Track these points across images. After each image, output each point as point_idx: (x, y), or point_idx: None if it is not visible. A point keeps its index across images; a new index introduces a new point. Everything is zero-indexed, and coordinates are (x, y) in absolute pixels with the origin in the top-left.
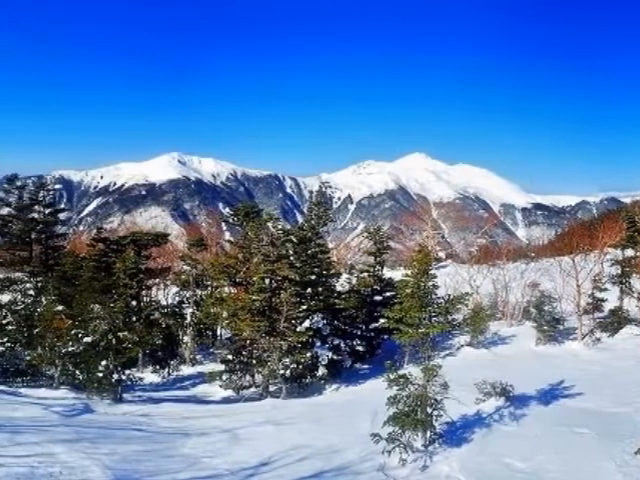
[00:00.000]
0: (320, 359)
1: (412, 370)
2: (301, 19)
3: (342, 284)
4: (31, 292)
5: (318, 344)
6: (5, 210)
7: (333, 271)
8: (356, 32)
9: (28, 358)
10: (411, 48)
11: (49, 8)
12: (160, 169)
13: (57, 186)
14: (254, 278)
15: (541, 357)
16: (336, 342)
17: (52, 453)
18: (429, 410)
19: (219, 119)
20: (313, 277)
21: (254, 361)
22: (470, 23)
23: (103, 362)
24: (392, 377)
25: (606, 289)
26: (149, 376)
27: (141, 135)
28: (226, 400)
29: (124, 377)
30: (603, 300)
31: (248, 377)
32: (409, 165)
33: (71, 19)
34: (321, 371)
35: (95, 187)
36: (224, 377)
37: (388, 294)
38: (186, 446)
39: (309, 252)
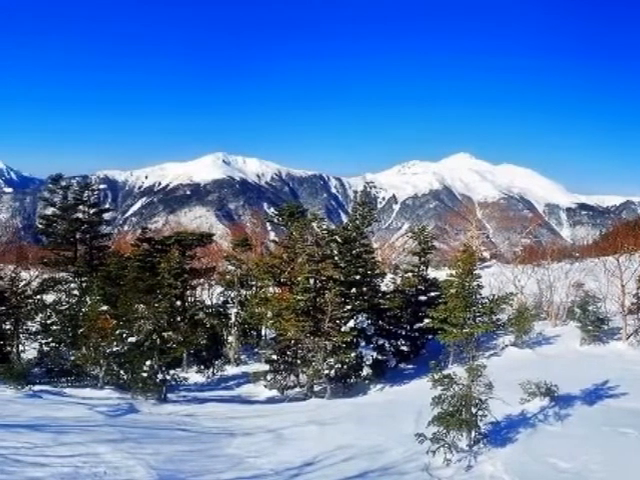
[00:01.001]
0: (364, 359)
1: (457, 370)
2: (346, 20)
3: (387, 284)
4: (76, 292)
5: (362, 344)
6: (50, 210)
7: (378, 271)
8: (401, 33)
9: (73, 358)
10: (456, 48)
11: (91, 6)
12: (205, 169)
13: (102, 186)
14: (299, 278)
15: (585, 357)
16: (380, 342)
17: (96, 453)
18: (474, 410)
19: (264, 119)
20: (358, 277)
21: (298, 361)
22: (514, 23)
23: (147, 362)
24: (437, 377)
25: None
26: (194, 376)
27: (186, 135)
28: (271, 400)
29: (168, 377)
30: None
31: (292, 377)
32: (454, 165)
33: (117, 18)
34: (365, 371)
35: (140, 187)
36: (269, 377)
37: (432, 294)
38: (231, 446)
39: (354, 252)
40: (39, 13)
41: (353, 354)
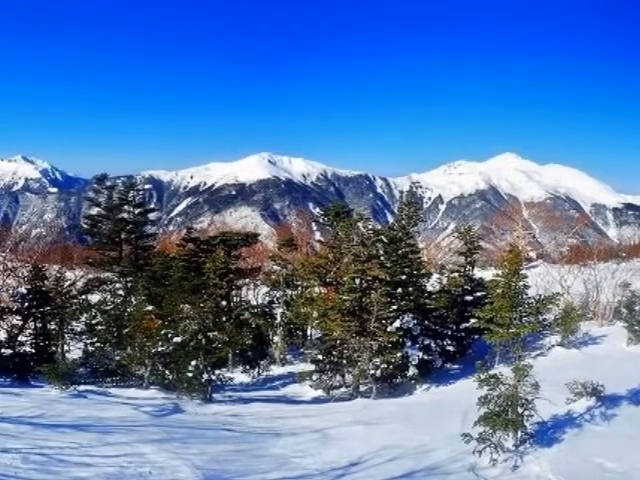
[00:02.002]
0: (410, 359)
1: (503, 370)
2: (392, 19)
3: (432, 284)
4: (121, 292)
5: (408, 344)
6: (95, 210)
7: (424, 271)
8: (448, 32)
9: (118, 358)
10: (501, 49)
11: (139, 6)
12: (250, 169)
13: (147, 186)
14: (344, 278)
15: (632, 357)
16: (426, 342)
17: (142, 453)
18: (520, 410)
19: (310, 119)
20: (403, 277)
21: (344, 361)
22: (560, 22)
23: (193, 362)
24: (483, 377)
25: None
26: (239, 376)
27: (231, 135)
28: (316, 400)
29: (214, 377)
30: None
31: (338, 377)
32: (500, 165)
33: (163, 17)
34: (411, 371)
35: (185, 187)
36: (314, 377)
37: (479, 294)
38: (276, 446)
39: (400, 252)
40: (85, 11)
41: (399, 354)
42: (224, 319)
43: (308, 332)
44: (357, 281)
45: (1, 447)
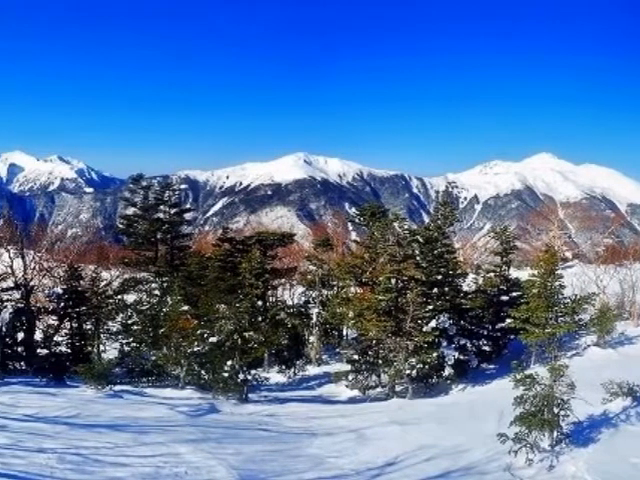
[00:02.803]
0: (446, 359)
1: (539, 370)
2: (427, 19)
3: (468, 284)
4: (157, 292)
5: (444, 344)
6: (131, 210)
7: (459, 271)
8: (482, 32)
9: (154, 358)
10: (537, 49)
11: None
12: (286, 169)
13: (183, 186)
14: (380, 278)
15: None
16: (462, 342)
17: (177, 453)
18: (556, 410)
19: (346, 119)
20: (439, 277)
21: (380, 361)
22: (597, 24)
23: (229, 362)
24: (518, 377)
25: None
26: (275, 376)
27: (267, 135)
28: (352, 400)
29: (250, 377)
30: None
31: (374, 377)
32: (535, 165)
33: (199, 16)
34: (447, 371)
35: (221, 187)
36: (350, 377)
37: (514, 294)
38: (312, 446)
39: (435, 252)
40: (124, 11)
41: (435, 354)
42: (260, 319)
43: (344, 332)
44: (393, 281)
45: (37, 447)
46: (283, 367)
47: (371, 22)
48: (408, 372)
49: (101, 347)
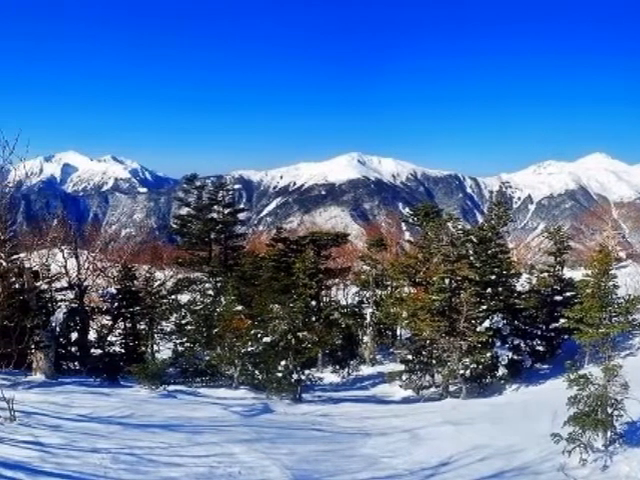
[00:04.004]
0: (500, 359)
1: (592, 370)
2: (483, 18)
3: (522, 284)
4: (210, 292)
5: (498, 344)
6: (184, 210)
7: (513, 271)
8: (535, 32)
9: (207, 358)
10: (592, 49)
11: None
12: (339, 169)
13: (236, 186)
14: (434, 278)
15: None
16: (516, 342)
17: (231, 453)
18: (609, 410)
19: (400, 119)
20: (493, 277)
21: (434, 361)
22: None
23: (282, 362)
24: (572, 377)
25: None
26: (329, 376)
27: (321, 135)
28: (406, 400)
29: (303, 377)
30: None
31: (428, 377)
32: (589, 165)
33: (254, 17)
34: (501, 371)
35: (275, 187)
36: (404, 377)
37: (568, 294)
38: (366, 446)
39: (489, 252)
40: (176, 10)
41: (488, 354)
42: (314, 319)
43: (398, 332)
44: (447, 281)
45: (91, 447)
46: (337, 367)
47: (427, 22)
48: (462, 372)
49: (155, 347)
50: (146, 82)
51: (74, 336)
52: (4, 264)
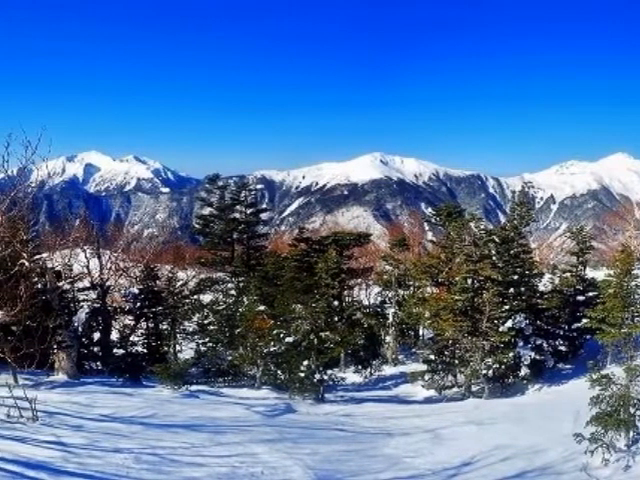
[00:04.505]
0: (522, 359)
1: (615, 370)
2: (507, 19)
3: (544, 284)
4: (233, 292)
5: (520, 344)
6: (207, 210)
7: (535, 271)
8: (556, 33)
9: (230, 358)
10: (613, 48)
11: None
12: (362, 169)
13: (259, 186)
14: (456, 278)
15: None
16: (538, 342)
17: (254, 453)
18: (632, 410)
19: (422, 119)
20: (515, 277)
21: (456, 361)
22: None
23: (305, 362)
24: (595, 377)
25: None
26: (351, 376)
27: (343, 135)
28: (428, 400)
29: (326, 377)
30: None
31: (450, 377)
32: (612, 165)
33: (276, 16)
34: (523, 371)
35: (297, 187)
36: (426, 377)
37: (591, 294)
38: (388, 446)
39: (512, 252)
40: (199, 12)
41: (511, 354)
42: (336, 319)
43: (420, 332)
44: (469, 281)
45: (113, 447)
46: (359, 367)
47: (450, 22)
48: (484, 372)
49: (177, 347)
50: (169, 83)
51: (96, 336)
52: (27, 264)
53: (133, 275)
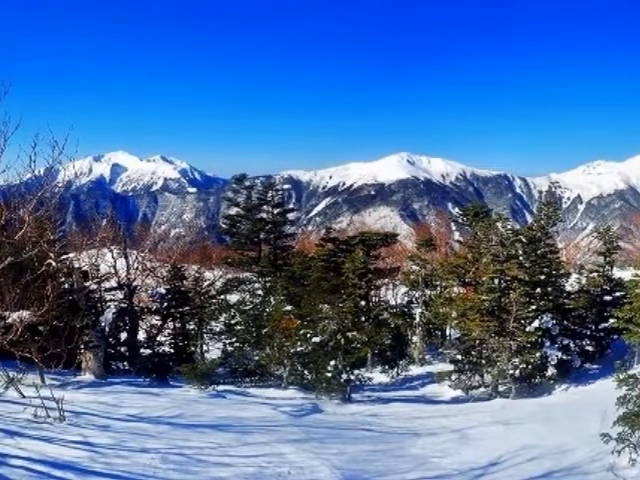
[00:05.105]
0: (549, 359)
1: None
2: (536, 19)
3: (571, 284)
4: (260, 292)
5: (547, 344)
6: (234, 210)
7: (562, 271)
8: (583, 34)
9: (256, 358)
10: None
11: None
12: (389, 169)
13: (286, 186)
14: (483, 278)
15: None
16: (565, 342)
17: (280, 453)
18: None
19: (449, 119)
20: (542, 277)
21: (483, 361)
22: None
23: (332, 362)
24: (622, 377)
25: None
26: (378, 376)
27: (370, 135)
28: (455, 400)
29: (353, 377)
30: None
31: (477, 377)
32: (639, 165)
33: (299, 18)
34: (550, 371)
35: (324, 187)
36: (453, 377)
37: (618, 294)
38: (415, 446)
39: (538, 252)
40: (230, 11)
41: (538, 354)
42: (363, 319)
43: (447, 332)
44: (496, 281)
45: (140, 447)
46: (386, 367)
47: (475, 23)
48: (511, 372)
49: (204, 347)
50: (196, 83)
51: (123, 336)
52: (54, 264)
53: (160, 275)
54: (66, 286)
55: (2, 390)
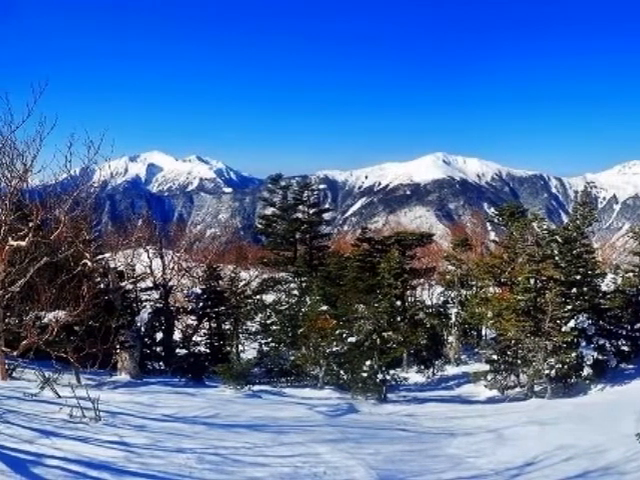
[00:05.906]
0: (585, 359)
1: None
2: (571, 18)
3: (607, 284)
4: (295, 292)
5: (583, 344)
6: (269, 210)
7: (598, 271)
8: (622, 33)
9: (292, 358)
10: None
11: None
12: (424, 169)
13: (322, 186)
14: (519, 278)
15: None
16: (601, 342)
17: (316, 453)
18: None
19: (485, 119)
20: (578, 277)
21: (519, 361)
22: None
23: (367, 362)
24: None
25: None
26: (413, 376)
27: (406, 135)
28: (491, 400)
29: (388, 377)
30: None
31: (513, 377)
32: None
33: (333, 19)
34: (586, 371)
35: (359, 187)
36: (489, 377)
37: None
38: (451, 446)
39: (574, 252)
40: (264, 12)
41: (574, 354)
42: (399, 319)
43: (482, 332)
44: (532, 281)
45: (176, 447)
46: (422, 367)
47: (513, 22)
48: (547, 372)
49: (240, 347)
50: (232, 83)
51: (159, 336)
52: (89, 264)
53: (196, 275)
54: (102, 286)
55: (38, 390)
